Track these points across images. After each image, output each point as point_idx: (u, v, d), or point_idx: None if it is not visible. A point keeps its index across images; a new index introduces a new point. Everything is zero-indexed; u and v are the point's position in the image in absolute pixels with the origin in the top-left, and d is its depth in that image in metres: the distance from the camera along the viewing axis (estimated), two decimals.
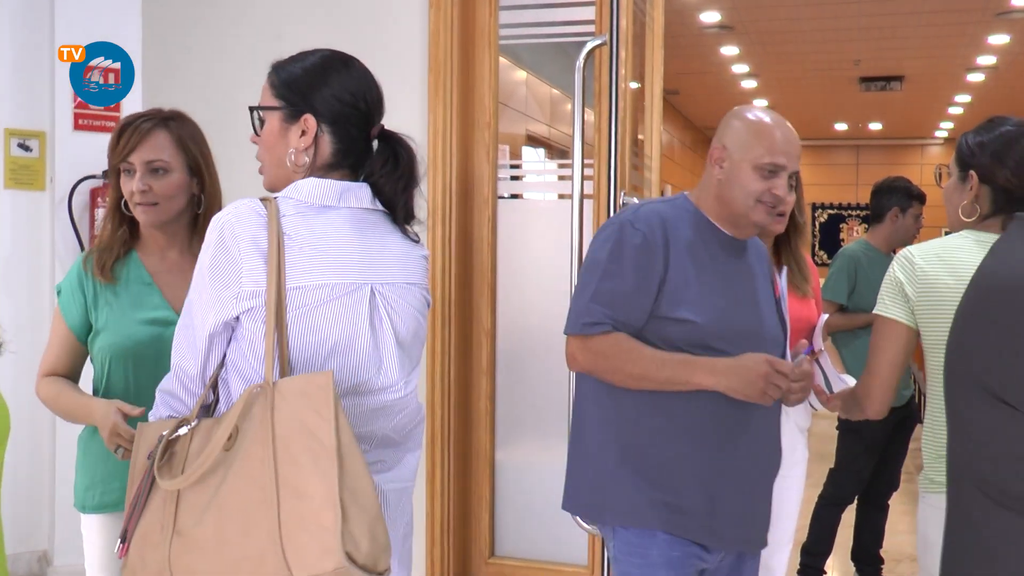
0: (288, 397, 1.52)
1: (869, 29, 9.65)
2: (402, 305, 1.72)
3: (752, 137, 2.13)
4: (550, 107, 4.45)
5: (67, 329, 2.10)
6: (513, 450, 3.43)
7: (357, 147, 1.73)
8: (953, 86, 12.63)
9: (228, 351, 1.63)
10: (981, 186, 2.08)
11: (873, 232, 4.07)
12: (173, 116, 2.15)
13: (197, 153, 2.14)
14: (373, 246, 1.69)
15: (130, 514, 1.59)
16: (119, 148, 2.07)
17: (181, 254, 2.16)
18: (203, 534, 1.51)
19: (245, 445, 1.52)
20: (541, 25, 3.44)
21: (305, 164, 1.68)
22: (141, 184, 2.05)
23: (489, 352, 3.38)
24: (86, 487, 2.13)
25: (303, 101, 1.69)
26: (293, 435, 1.50)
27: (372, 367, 1.66)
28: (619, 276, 2.03)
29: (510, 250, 3.41)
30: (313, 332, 1.60)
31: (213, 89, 3.55)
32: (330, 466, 1.46)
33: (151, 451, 1.59)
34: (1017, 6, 8.71)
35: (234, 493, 1.50)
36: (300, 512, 1.46)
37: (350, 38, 3.35)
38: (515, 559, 3.41)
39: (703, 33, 10.05)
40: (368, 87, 1.76)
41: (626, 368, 2.03)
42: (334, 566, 1.42)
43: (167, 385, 1.69)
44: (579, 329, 2.07)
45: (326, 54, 1.76)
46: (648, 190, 3.46)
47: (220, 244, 1.59)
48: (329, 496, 1.45)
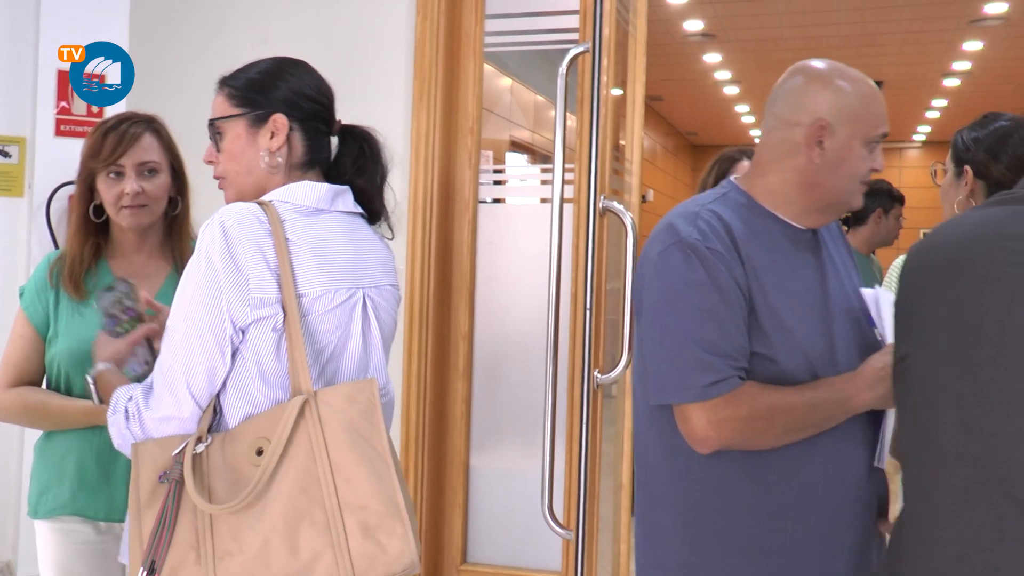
0: (336, 405, 1.49)
1: (849, 36, 9.75)
2: (385, 307, 1.73)
3: (863, 105, 1.68)
4: (534, 113, 4.48)
5: (32, 330, 2.07)
6: (488, 455, 3.44)
7: (324, 143, 1.73)
8: (930, 91, 12.78)
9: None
10: (976, 181, 2.09)
11: (854, 233, 4.13)
12: (153, 119, 2.17)
13: (178, 155, 2.16)
14: (363, 249, 1.69)
15: (155, 542, 1.47)
16: (104, 152, 2.06)
17: (148, 258, 2.16)
18: (250, 555, 1.44)
19: (290, 458, 1.47)
20: (526, 33, 3.46)
21: (280, 164, 1.66)
22: (136, 186, 2.05)
23: (466, 356, 3.39)
24: (39, 492, 2.10)
25: (268, 101, 1.68)
26: (347, 443, 1.47)
27: (361, 372, 1.65)
28: (715, 310, 1.59)
29: (490, 254, 3.43)
30: (315, 340, 1.57)
31: (200, 93, 3.54)
32: (387, 472, 1.47)
33: (165, 472, 1.50)
34: (990, 13, 8.85)
35: (284, 508, 1.45)
36: (365, 521, 1.44)
37: (336, 43, 3.40)
38: (488, 566, 3.40)
39: (686, 41, 10.12)
40: (324, 83, 1.76)
41: (779, 423, 1.58)
42: (403, 568, 1.43)
43: (161, 409, 1.56)
44: (700, 395, 1.56)
45: (277, 59, 1.76)
46: (628, 194, 3.49)
47: (224, 250, 1.52)
48: (393, 501, 1.45)
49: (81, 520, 2.07)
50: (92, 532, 2.07)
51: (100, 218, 2.10)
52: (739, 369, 1.59)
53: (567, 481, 3.24)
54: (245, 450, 1.49)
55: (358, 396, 1.50)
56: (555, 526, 2.92)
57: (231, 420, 1.55)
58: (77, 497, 2.06)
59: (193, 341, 1.53)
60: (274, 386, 1.54)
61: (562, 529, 2.96)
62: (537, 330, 3.25)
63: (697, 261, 1.62)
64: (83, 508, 2.06)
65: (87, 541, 2.07)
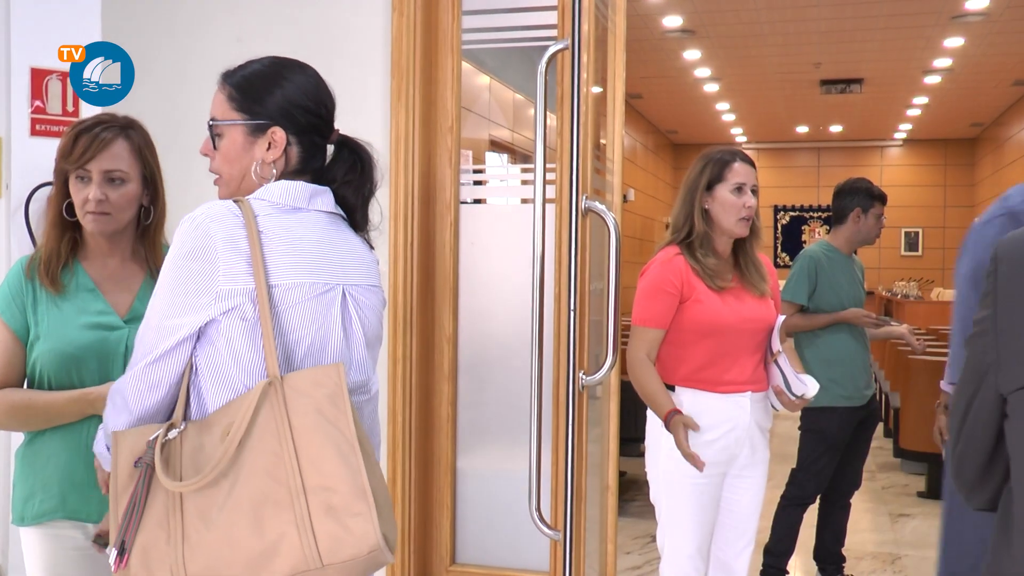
0: (301, 389, 1.51)
1: (829, 33, 9.78)
2: (368, 306, 1.73)
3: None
4: (513, 112, 4.46)
5: (11, 334, 2.03)
6: (475, 457, 3.42)
7: (319, 153, 1.74)
8: (911, 88, 12.84)
9: (201, 354, 1.60)
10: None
11: (835, 233, 4.12)
12: (131, 124, 2.13)
13: (152, 163, 2.12)
14: (341, 248, 1.69)
15: (126, 524, 1.53)
16: (74, 155, 2.03)
17: (122, 262, 2.13)
18: (217, 536, 1.48)
19: (257, 440, 1.50)
20: (504, 30, 3.44)
21: (272, 176, 1.68)
22: (99, 193, 2.02)
23: (451, 358, 3.37)
24: (24, 499, 2.07)
25: (266, 113, 1.69)
26: (312, 426, 1.49)
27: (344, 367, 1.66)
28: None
29: (472, 255, 3.41)
30: (289, 332, 1.60)
31: (174, 93, 3.51)
32: (353, 455, 1.48)
33: (139, 458, 1.56)
34: (971, 9, 8.89)
35: (249, 490, 1.48)
36: (329, 502, 1.45)
37: (312, 41, 3.36)
38: (476, 566, 3.40)
39: (665, 37, 10.13)
40: (326, 93, 1.77)
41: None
42: (369, 549, 1.44)
43: (121, 387, 1.65)
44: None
45: (280, 62, 1.75)
46: (610, 193, 3.47)
47: (195, 244, 1.56)
48: (357, 483, 1.46)
49: (71, 525, 2.04)
50: (82, 537, 2.05)
51: (73, 217, 2.08)
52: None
53: (554, 482, 3.22)
54: (217, 435, 1.52)
55: (324, 380, 1.52)
56: (543, 527, 2.90)
57: (211, 407, 1.59)
58: (68, 500, 2.04)
59: (152, 332, 1.60)
60: (251, 374, 1.57)
61: (550, 530, 2.94)
62: (521, 331, 3.23)
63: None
64: (75, 511, 2.04)
65: (77, 547, 2.05)
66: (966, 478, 1.40)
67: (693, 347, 2.71)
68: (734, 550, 2.84)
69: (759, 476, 2.82)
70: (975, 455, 1.36)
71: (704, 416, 2.68)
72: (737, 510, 2.81)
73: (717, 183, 2.75)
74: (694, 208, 2.77)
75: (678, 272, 2.71)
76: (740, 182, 2.74)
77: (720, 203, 2.74)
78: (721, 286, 2.70)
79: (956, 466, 1.41)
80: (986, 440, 1.34)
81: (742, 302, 2.74)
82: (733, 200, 2.73)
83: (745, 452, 2.74)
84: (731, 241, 2.78)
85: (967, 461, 1.38)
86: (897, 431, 6.59)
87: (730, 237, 2.78)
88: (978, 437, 1.35)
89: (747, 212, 2.73)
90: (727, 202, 2.73)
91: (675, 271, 2.72)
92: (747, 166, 2.78)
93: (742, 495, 2.81)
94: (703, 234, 2.74)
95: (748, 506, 2.81)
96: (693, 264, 2.71)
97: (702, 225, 2.75)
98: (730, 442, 2.71)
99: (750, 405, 2.72)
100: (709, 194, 2.76)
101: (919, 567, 4.59)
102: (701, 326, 2.70)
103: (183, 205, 2.15)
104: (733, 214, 2.73)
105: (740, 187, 2.74)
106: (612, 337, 2.89)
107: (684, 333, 2.72)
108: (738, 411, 2.70)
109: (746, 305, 2.74)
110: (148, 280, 2.13)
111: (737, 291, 2.75)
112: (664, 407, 2.66)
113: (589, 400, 3.26)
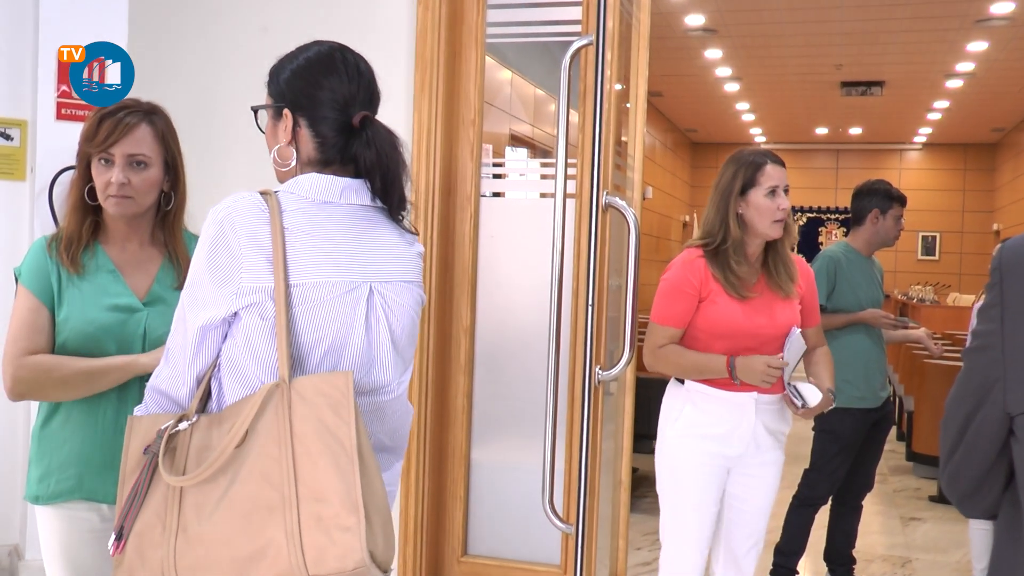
0: (306, 396, 1.50)
1: (851, 34, 9.73)
2: (399, 304, 1.70)
3: None
4: (534, 107, 4.47)
5: (39, 304, 2.04)
6: (489, 449, 3.44)
7: (340, 139, 1.70)
8: (932, 92, 12.75)
9: (223, 348, 1.59)
10: None
11: (854, 234, 4.11)
12: (154, 110, 2.14)
13: (174, 149, 2.14)
14: (372, 243, 1.67)
15: (126, 510, 1.55)
16: (98, 138, 2.05)
17: (141, 246, 2.15)
18: (209, 532, 1.48)
19: (258, 442, 1.49)
20: (528, 24, 3.44)
21: (290, 160, 1.67)
22: (121, 176, 2.04)
23: (468, 350, 3.39)
24: (39, 478, 2.08)
25: (282, 97, 1.69)
26: (312, 434, 1.48)
27: (364, 367, 1.64)
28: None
29: (491, 248, 3.42)
30: (311, 331, 1.58)
31: (198, 80, 3.54)
32: (350, 467, 1.46)
33: (148, 446, 1.56)
34: (996, 14, 8.82)
35: (245, 491, 1.48)
36: (319, 513, 1.45)
37: (336, 32, 3.35)
38: (488, 558, 3.41)
39: (687, 36, 10.10)
40: (357, 77, 1.71)
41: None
42: (355, 565, 1.43)
43: (158, 383, 1.65)
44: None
45: (320, 49, 1.73)
46: (630, 190, 3.47)
47: (220, 238, 1.56)
48: (350, 497, 1.45)
49: (87, 506, 2.06)
50: (97, 519, 2.07)
51: (95, 201, 2.09)
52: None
53: (567, 476, 3.24)
54: (225, 431, 1.52)
55: (328, 389, 1.50)
56: (556, 520, 2.92)
57: (228, 401, 1.59)
58: (84, 481, 2.05)
59: (181, 323, 1.61)
60: (268, 371, 1.56)
61: (562, 523, 2.95)
62: (538, 325, 3.24)
63: None
64: (92, 492, 2.06)
65: (91, 528, 2.07)
66: (960, 489, 1.38)
67: (706, 348, 2.72)
68: (743, 549, 2.85)
69: (770, 477, 2.82)
70: (973, 468, 1.33)
71: (707, 412, 2.72)
72: (746, 508, 2.82)
73: (751, 187, 2.74)
74: (728, 213, 2.75)
75: (698, 273, 2.72)
76: (774, 185, 2.73)
77: (755, 208, 2.74)
78: (744, 295, 2.70)
79: (950, 477, 1.38)
80: (987, 455, 1.31)
81: (763, 308, 2.73)
82: (768, 204, 2.72)
83: (750, 451, 2.74)
84: (763, 243, 2.78)
85: (963, 473, 1.35)
86: (910, 435, 6.58)
87: (764, 239, 2.77)
88: (978, 451, 1.32)
89: (782, 215, 2.73)
90: (762, 206, 2.73)
91: (695, 272, 2.72)
92: (779, 167, 2.77)
93: (751, 493, 2.81)
94: (739, 240, 2.74)
95: (757, 505, 2.82)
96: (716, 271, 2.71)
97: (738, 231, 2.74)
98: (733, 440, 2.73)
99: (755, 406, 2.71)
100: (743, 198, 2.75)
101: (929, 571, 4.58)
102: (715, 328, 2.70)
103: (206, 193, 2.18)
104: (768, 217, 2.72)
105: (774, 190, 2.73)
106: (629, 333, 2.90)
107: (698, 332, 2.73)
108: (741, 411, 2.71)
109: (766, 312, 2.73)
110: (166, 264, 2.15)
111: (762, 296, 2.75)
112: (719, 362, 2.68)
113: (604, 396, 3.27)
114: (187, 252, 2.13)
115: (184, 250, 2.14)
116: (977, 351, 1.32)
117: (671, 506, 2.80)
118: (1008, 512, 1.33)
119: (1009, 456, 1.30)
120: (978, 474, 1.33)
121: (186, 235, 2.19)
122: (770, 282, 2.78)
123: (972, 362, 1.33)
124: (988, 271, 1.34)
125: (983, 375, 1.30)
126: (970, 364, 1.33)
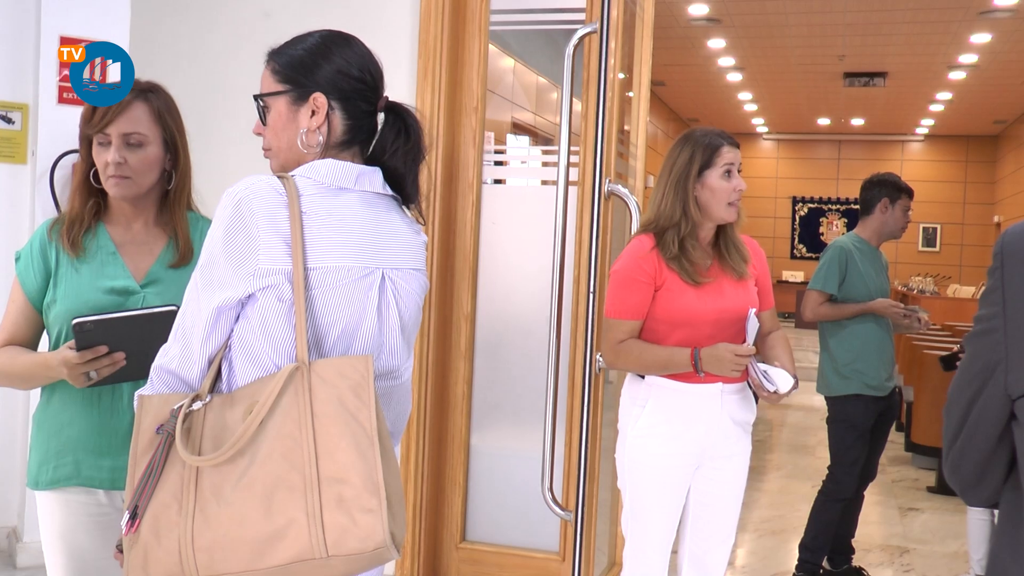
0: (327, 378, 1.51)
1: (854, 25, 9.71)
2: (408, 291, 1.71)
3: None
4: (536, 95, 4.46)
5: (24, 298, 2.06)
6: (488, 435, 3.44)
7: (367, 122, 1.71)
8: (935, 84, 12.73)
9: (235, 329, 1.60)
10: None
11: (863, 225, 4.12)
12: (151, 88, 2.12)
13: (173, 127, 2.11)
14: (385, 230, 1.68)
15: (140, 490, 1.53)
16: (95, 119, 2.04)
17: (146, 226, 2.14)
18: (228, 512, 1.48)
19: (277, 423, 1.50)
20: (531, 12, 3.44)
21: (319, 144, 1.67)
22: (117, 156, 2.02)
23: (468, 336, 3.39)
24: (39, 463, 2.08)
25: (310, 81, 1.68)
26: (332, 416, 1.49)
27: (375, 352, 1.65)
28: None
29: (492, 235, 3.42)
30: (326, 314, 1.59)
31: (201, 65, 3.54)
32: (371, 449, 1.47)
33: (161, 425, 1.56)
34: (1000, 6, 8.80)
35: (265, 471, 1.48)
36: (341, 494, 1.45)
37: (339, 19, 3.36)
38: (486, 544, 3.42)
39: (691, 25, 10.09)
40: (371, 60, 1.73)
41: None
42: (375, 546, 1.44)
43: (166, 363, 1.64)
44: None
45: (324, 33, 1.74)
46: (632, 178, 3.47)
47: (236, 219, 1.55)
48: (372, 479, 1.45)
49: (85, 491, 2.06)
50: (95, 504, 2.07)
51: (99, 183, 2.09)
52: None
53: (566, 463, 3.24)
54: (239, 412, 1.52)
55: (351, 371, 1.51)
56: (555, 507, 2.92)
57: (240, 382, 1.59)
58: (81, 467, 2.06)
59: (193, 304, 1.60)
60: (282, 354, 1.56)
61: (561, 510, 2.96)
62: (538, 312, 3.25)
63: None
64: (89, 478, 2.06)
65: (90, 513, 2.07)
66: (963, 476, 1.38)
67: (665, 338, 2.60)
68: (709, 545, 2.71)
69: (737, 470, 2.70)
70: (975, 454, 1.33)
71: (673, 409, 2.60)
72: (711, 503, 2.68)
73: (707, 168, 2.62)
74: (688, 197, 2.63)
75: (651, 261, 2.59)
76: (729, 164, 2.63)
77: (710, 189, 2.61)
78: (699, 281, 2.58)
79: (953, 464, 1.38)
80: (989, 439, 1.31)
81: (718, 293, 2.61)
82: (723, 185, 2.61)
83: (718, 445, 2.63)
84: (715, 227, 2.66)
85: (966, 459, 1.36)
86: (909, 425, 6.58)
87: (717, 223, 2.65)
88: (980, 436, 1.32)
89: (736, 196, 2.61)
90: (717, 188, 2.61)
91: (649, 260, 2.59)
92: (734, 148, 2.65)
93: (717, 488, 2.66)
94: (697, 224, 2.62)
95: (724, 500, 2.69)
96: (669, 258, 2.58)
97: (698, 214, 2.62)
98: (699, 435, 2.61)
99: (721, 396, 2.61)
100: (699, 180, 2.63)
101: (926, 561, 4.60)
102: (673, 317, 2.58)
103: (208, 175, 2.18)
104: (723, 199, 2.60)
105: (729, 170, 2.62)
106: None
107: (656, 323, 2.61)
108: (708, 403, 2.60)
109: (723, 295, 2.60)
110: (170, 244, 2.14)
111: (716, 280, 2.63)
112: (683, 355, 2.55)
113: (604, 383, 3.28)
114: (188, 232, 2.12)
115: (185, 229, 2.12)
116: (979, 335, 1.32)
117: (634, 508, 2.68)
118: (1010, 498, 1.33)
119: (1011, 441, 1.31)
120: (981, 459, 1.34)
121: (193, 216, 2.17)
122: (723, 265, 2.66)
123: (974, 347, 1.33)
124: (990, 260, 1.34)
125: (985, 359, 1.30)
126: (973, 349, 1.34)
